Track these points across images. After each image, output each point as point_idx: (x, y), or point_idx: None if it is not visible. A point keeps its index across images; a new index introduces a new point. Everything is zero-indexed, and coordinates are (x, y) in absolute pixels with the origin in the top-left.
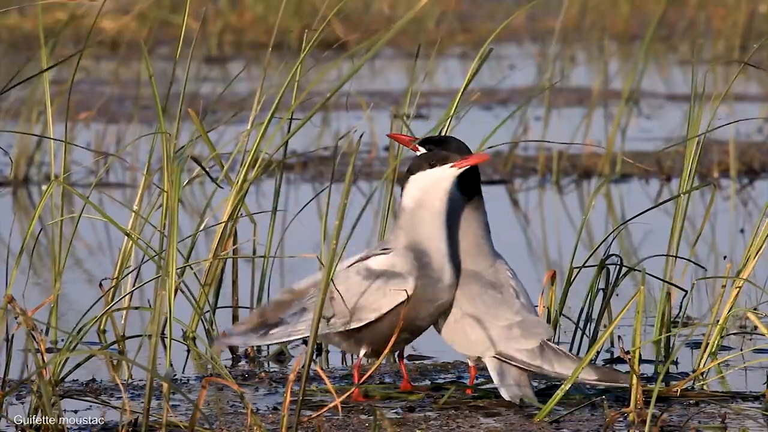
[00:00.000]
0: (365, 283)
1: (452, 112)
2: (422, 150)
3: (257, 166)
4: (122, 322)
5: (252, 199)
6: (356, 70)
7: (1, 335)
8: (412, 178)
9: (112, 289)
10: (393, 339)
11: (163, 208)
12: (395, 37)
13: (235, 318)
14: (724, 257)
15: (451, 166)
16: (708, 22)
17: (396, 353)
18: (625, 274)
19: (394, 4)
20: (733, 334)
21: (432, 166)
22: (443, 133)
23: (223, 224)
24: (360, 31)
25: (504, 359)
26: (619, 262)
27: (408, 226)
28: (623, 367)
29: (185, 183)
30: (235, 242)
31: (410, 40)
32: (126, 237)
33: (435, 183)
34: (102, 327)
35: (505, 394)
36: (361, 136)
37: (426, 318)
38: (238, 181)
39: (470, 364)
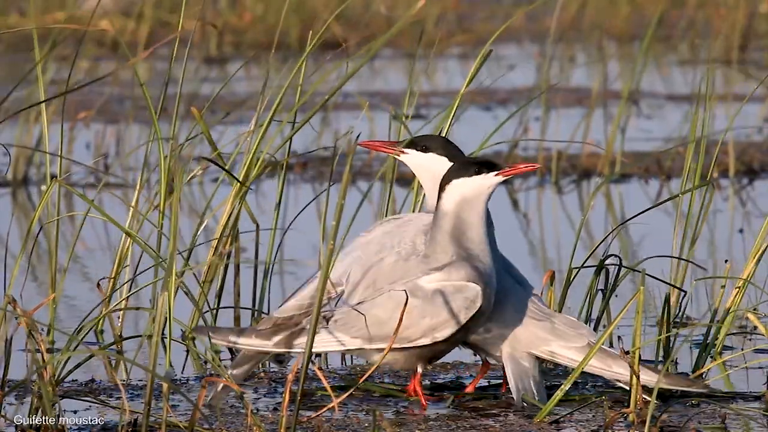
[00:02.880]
0: (435, 298)
1: (452, 113)
2: (409, 152)
3: (257, 166)
4: (119, 322)
5: (252, 199)
6: (352, 74)
7: (2, 335)
8: (455, 182)
9: (111, 290)
10: (395, 336)
11: (161, 208)
12: (395, 38)
13: (236, 319)
14: (726, 261)
15: (496, 174)
16: (708, 22)
17: (415, 374)
18: (624, 275)
19: (393, 5)
20: (733, 334)
21: (478, 173)
22: (442, 134)
23: (223, 224)
24: (359, 32)
25: (553, 358)
26: (618, 263)
27: (455, 232)
28: None
29: (185, 181)
30: (236, 243)
31: (410, 40)
32: (124, 238)
33: (479, 189)
34: (100, 327)
35: (516, 393)
36: (357, 137)
37: (477, 328)
38: (236, 182)
39: (490, 361)
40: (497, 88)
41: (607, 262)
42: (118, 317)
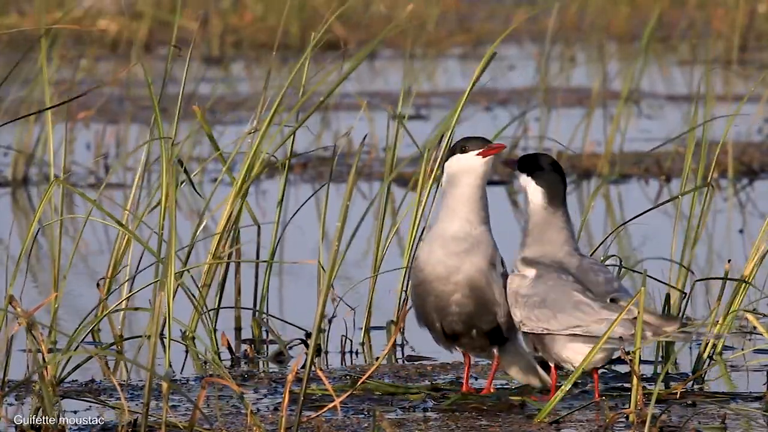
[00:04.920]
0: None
1: (456, 115)
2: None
3: (257, 166)
4: (119, 324)
5: (252, 199)
6: (350, 72)
7: (2, 335)
8: None
9: (110, 290)
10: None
11: (161, 209)
12: (395, 38)
13: (237, 319)
14: (729, 261)
15: None
16: (707, 22)
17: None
18: (624, 275)
19: (393, 5)
20: (733, 334)
21: None
22: (445, 135)
23: (223, 225)
24: (360, 32)
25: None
26: (618, 263)
27: None
28: (623, 368)
29: (180, 183)
30: (236, 243)
31: (410, 40)
32: (124, 238)
33: None
34: (96, 326)
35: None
36: (364, 138)
37: None
38: (237, 181)
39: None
40: (497, 89)
41: (607, 262)
42: (119, 318)
